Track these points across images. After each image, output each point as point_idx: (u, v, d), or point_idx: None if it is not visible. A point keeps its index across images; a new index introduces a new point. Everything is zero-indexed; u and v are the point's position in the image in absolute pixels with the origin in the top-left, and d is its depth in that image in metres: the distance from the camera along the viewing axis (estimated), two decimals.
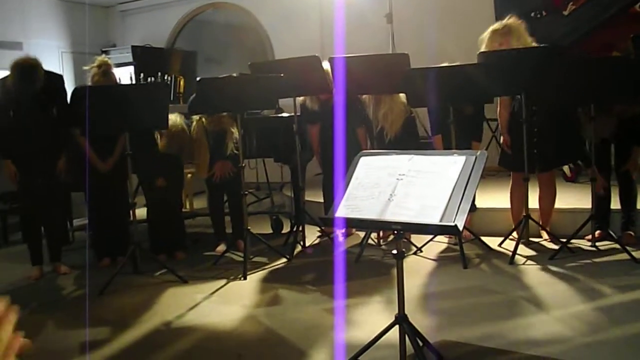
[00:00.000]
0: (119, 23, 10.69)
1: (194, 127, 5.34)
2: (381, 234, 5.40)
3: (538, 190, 5.08)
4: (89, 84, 5.07)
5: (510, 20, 4.87)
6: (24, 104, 4.77)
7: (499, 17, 5.50)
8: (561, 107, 4.87)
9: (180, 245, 5.42)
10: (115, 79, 5.31)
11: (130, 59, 9.31)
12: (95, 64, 5.13)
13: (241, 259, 4.82)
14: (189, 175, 5.84)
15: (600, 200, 4.80)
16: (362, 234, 5.43)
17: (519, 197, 5.08)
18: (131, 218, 4.84)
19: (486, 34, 4.90)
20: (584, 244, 4.91)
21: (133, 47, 9.51)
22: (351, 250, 5.27)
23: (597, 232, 4.87)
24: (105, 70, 5.09)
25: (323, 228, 5.70)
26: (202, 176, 5.46)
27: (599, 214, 4.80)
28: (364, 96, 5.42)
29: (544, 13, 7.08)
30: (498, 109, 5.13)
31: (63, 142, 4.96)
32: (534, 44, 4.88)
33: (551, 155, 4.92)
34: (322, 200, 5.90)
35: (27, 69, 4.72)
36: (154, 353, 3.32)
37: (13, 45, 4.85)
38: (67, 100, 4.99)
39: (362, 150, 5.37)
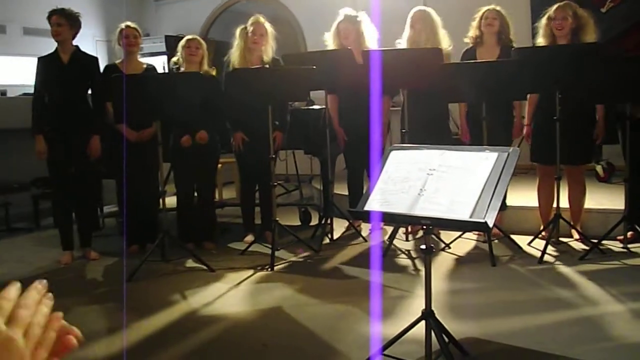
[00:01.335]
0: (153, 13, 10.77)
1: None
2: (409, 229, 5.38)
3: (567, 187, 5.03)
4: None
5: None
6: (57, 84, 4.89)
7: (535, 13, 5.43)
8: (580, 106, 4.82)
9: (210, 235, 5.44)
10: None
11: (164, 49, 9.38)
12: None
13: (269, 249, 4.84)
14: (219, 165, 5.86)
15: (634, 201, 4.72)
16: (389, 228, 5.42)
17: (546, 194, 5.03)
18: (161, 206, 4.88)
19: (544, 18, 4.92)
20: (615, 245, 4.83)
21: (166, 36, 9.57)
22: (379, 244, 5.26)
23: (630, 233, 4.79)
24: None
25: (351, 221, 5.69)
26: None
27: (632, 215, 4.72)
28: None
29: None
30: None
31: (97, 124, 5.01)
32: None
33: (575, 150, 4.85)
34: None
35: None
36: (180, 341, 3.35)
37: (47, 33, 4.92)
38: (101, 82, 5.05)
39: (384, 120, 5.39)
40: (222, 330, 3.50)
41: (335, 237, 5.50)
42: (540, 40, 4.96)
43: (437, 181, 2.60)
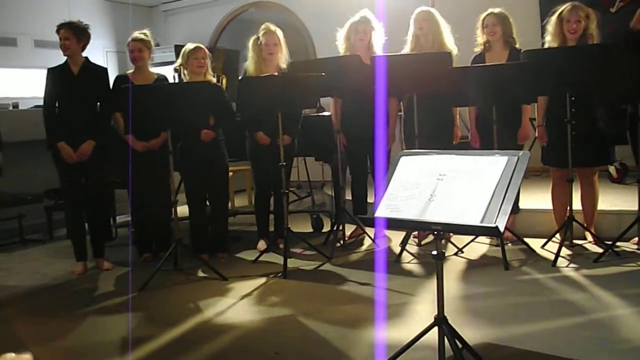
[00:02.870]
0: (162, 22, 10.83)
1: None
2: (417, 233, 5.35)
3: (580, 190, 4.99)
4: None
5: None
6: (66, 95, 4.94)
7: (543, 13, 5.41)
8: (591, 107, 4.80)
9: (223, 245, 5.42)
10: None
11: (173, 58, 9.40)
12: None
13: (281, 257, 4.83)
14: (231, 173, 5.87)
15: None
16: (394, 234, 5.40)
17: (559, 197, 4.99)
18: (172, 215, 4.88)
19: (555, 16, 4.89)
20: (630, 246, 4.79)
21: (176, 46, 9.61)
22: (391, 250, 5.24)
23: None
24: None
25: (361, 226, 5.67)
26: None
27: None
28: None
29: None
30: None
31: (98, 131, 5.01)
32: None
33: (588, 153, 4.81)
34: None
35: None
36: (193, 350, 3.34)
37: (58, 45, 4.96)
38: (110, 93, 5.08)
39: (391, 122, 5.37)
40: (234, 339, 3.49)
41: (346, 242, 5.49)
42: (549, 39, 4.92)
43: (447, 186, 2.58)
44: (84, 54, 5.03)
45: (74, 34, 4.91)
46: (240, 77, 5.30)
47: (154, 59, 5.51)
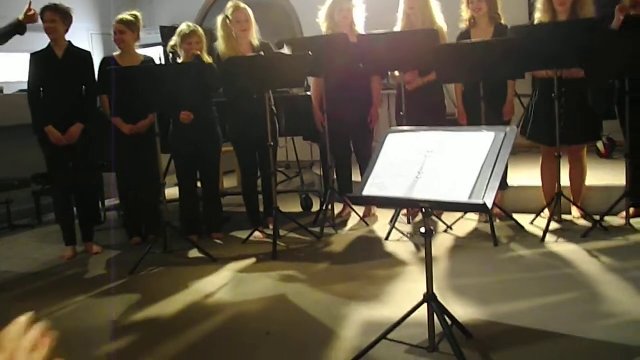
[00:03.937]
0: (147, 4, 10.69)
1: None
2: (407, 211, 5.34)
3: (568, 166, 5.01)
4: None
5: None
6: (52, 79, 4.90)
7: None
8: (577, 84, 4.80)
9: (217, 226, 5.41)
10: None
11: (159, 40, 9.32)
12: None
13: (271, 237, 4.83)
14: None
15: (635, 176, 4.69)
16: (381, 213, 5.40)
17: (549, 173, 5.00)
18: (161, 198, 4.87)
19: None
20: (618, 221, 4.82)
21: (162, 27, 9.51)
22: (380, 228, 5.25)
23: (632, 209, 4.77)
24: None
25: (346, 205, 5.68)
26: None
27: (634, 190, 4.69)
28: None
29: None
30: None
31: (91, 119, 5.00)
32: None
33: (577, 130, 4.81)
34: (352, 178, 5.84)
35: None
36: (184, 331, 3.35)
37: (42, 29, 4.91)
38: (94, 76, 5.06)
39: (375, 101, 5.37)
40: (225, 320, 3.50)
41: (335, 222, 5.48)
42: (539, 16, 4.90)
43: (435, 163, 2.58)
44: (66, 37, 4.99)
45: (60, 17, 4.88)
46: (216, 59, 5.23)
47: (141, 40, 5.43)
